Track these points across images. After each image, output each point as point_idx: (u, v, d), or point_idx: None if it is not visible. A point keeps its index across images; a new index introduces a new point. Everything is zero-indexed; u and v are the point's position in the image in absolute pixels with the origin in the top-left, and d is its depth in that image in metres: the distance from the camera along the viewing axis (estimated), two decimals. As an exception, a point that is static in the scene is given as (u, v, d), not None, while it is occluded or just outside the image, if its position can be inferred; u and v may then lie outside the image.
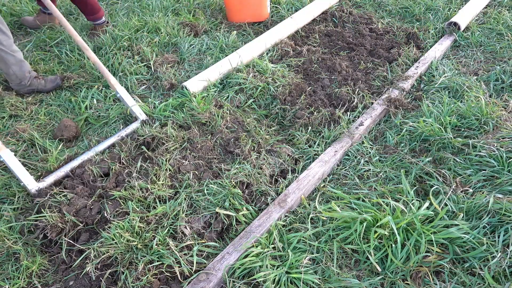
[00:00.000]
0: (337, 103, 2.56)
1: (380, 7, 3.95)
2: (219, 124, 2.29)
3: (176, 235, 1.72)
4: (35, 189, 1.90)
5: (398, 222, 1.62)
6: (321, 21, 3.63)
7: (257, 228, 1.73)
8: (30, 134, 2.30)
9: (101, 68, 2.32)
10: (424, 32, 3.37)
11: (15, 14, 3.61)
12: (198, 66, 2.94)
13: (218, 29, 3.46)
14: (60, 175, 1.99)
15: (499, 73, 2.74)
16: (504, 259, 1.54)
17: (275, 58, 3.02)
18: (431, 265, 1.58)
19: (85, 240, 1.75)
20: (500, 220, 1.68)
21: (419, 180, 2.01)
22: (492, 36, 3.29)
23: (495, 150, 1.98)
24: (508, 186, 1.83)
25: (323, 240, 1.71)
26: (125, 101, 2.32)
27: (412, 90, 2.73)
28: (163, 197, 1.89)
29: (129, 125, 2.31)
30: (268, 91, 2.59)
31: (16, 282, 1.59)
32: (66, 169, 2.02)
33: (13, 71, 2.49)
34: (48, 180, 1.95)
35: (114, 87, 2.32)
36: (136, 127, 2.29)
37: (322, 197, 1.95)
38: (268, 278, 1.53)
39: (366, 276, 1.60)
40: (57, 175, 1.99)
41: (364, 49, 3.16)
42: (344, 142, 2.21)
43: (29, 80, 2.59)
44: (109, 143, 2.19)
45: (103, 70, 2.32)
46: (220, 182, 1.94)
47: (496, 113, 2.26)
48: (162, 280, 1.59)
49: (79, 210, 1.83)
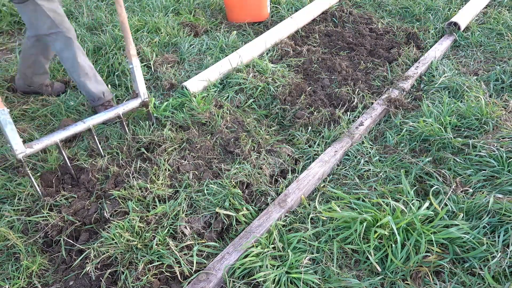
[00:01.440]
0: (337, 103, 2.56)
1: (380, 7, 3.95)
2: (219, 124, 2.29)
3: (176, 235, 1.72)
4: (22, 154, 1.80)
5: (398, 222, 1.62)
6: (321, 21, 3.64)
7: (257, 228, 1.73)
8: (30, 134, 2.30)
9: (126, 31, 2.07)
10: (424, 32, 3.37)
11: (15, 14, 3.62)
12: (198, 66, 2.94)
13: (218, 29, 3.47)
14: (47, 143, 1.89)
15: (499, 73, 2.74)
16: (504, 259, 1.54)
17: (275, 58, 3.02)
18: (431, 265, 1.58)
19: (85, 240, 1.75)
20: (500, 220, 1.68)
21: (419, 180, 2.01)
22: (492, 36, 3.29)
23: (495, 150, 1.98)
24: (508, 186, 1.83)
25: (323, 240, 1.71)
26: (135, 75, 2.13)
27: (412, 90, 2.73)
28: (162, 197, 1.89)
29: (129, 101, 2.18)
30: (268, 91, 2.59)
31: (16, 282, 1.59)
32: (55, 138, 1.90)
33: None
34: (36, 146, 1.85)
35: (130, 57, 2.11)
36: (135, 106, 2.18)
37: (322, 197, 1.95)
38: (268, 278, 1.53)
39: (366, 276, 1.60)
40: (45, 143, 1.88)
41: (364, 49, 3.16)
42: (344, 142, 2.21)
43: (39, 87, 2.60)
44: (105, 117, 2.07)
45: (127, 35, 2.07)
46: (220, 182, 1.94)
47: (496, 113, 2.26)
48: (162, 280, 1.59)
49: (78, 210, 1.83)
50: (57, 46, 2.21)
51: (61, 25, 2.14)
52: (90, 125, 2.02)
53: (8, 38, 3.47)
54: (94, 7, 3.74)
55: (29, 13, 2.08)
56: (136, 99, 2.20)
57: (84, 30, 3.31)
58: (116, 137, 2.27)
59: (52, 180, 1.99)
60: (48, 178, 2.00)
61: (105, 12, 3.60)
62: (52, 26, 2.12)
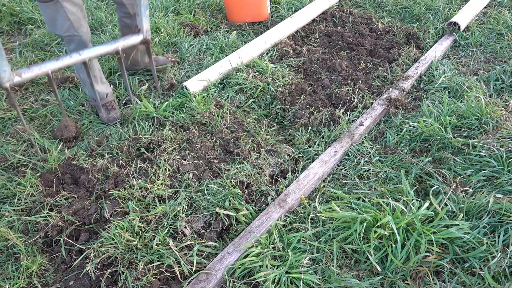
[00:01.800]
0: (337, 103, 2.56)
1: (380, 7, 3.95)
2: (219, 124, 2.29)
3: (176, 235, 1.72)
4: (9, 83, 1.68)
5: (398, 222, 1.62)
6: (321, 21, 3.64)
7: (257, 228, 1.73)
8: (30, 134, 2.30)
9: None
10: (424, 32, 3.37)
11: (15, 14, 3.62)
12: (198, 66, 2.94)
13: (218, 29, 3.47)
14: (38, 73, 1.77)
15: (499, 73, 2.74)
16: (504, 259, 1.54)
17: (275, 58, 3.02)
18: (431, 265, 1.58)
19: (85, 240, 1.75)
20: (500, 220, 1.68)
21: (419, 180, 2.01)
22: (492, 36, 3.29)
23: (495, 150, 1.98)
24: (508, 186, 1.83)
25: (323, 240, 1.71)
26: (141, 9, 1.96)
27: (412, 90, 2.73)
28: (162, 197, 1.89)
29: (129, 36, 2.02)
30: (268, 91, 2.59)
31: (16, 282, 1.59)
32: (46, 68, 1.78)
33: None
34: (25, 75, 1.74)
35: None
36: (136, 42, 2.03)
37: (322, 197, 1.95)
38: (268, 278, 1.53)
39: (366, 276, 1.60)
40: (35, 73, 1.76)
41: (364, 49, 3.16)
42: (344, 142, 2.21)
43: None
44: (102, 51, 1.92)
45: None
46: (220, 182, 1.94)
47: (496, 113, 2.26)
48: (162, 280, 1.59)
49: (78, 210, 1.83)
50: (70, 47, 2.19)
51: (79, 29, 2.12)
52: (86, 57, 1.87)
53: (8, 38, 3.47)
54: (94, 7, 3.74)
55: (50, 13, 2.05)
56: (138, 35, 2.02)
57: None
58: (116, 137, 2.27)
59: (52, 180, 1.99)
60: (48, 178, 2.00)
61: (105, 12, 3.60)
62: (69, 29, 2.10)
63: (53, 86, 1.85)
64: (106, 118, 2.43)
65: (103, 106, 2.44)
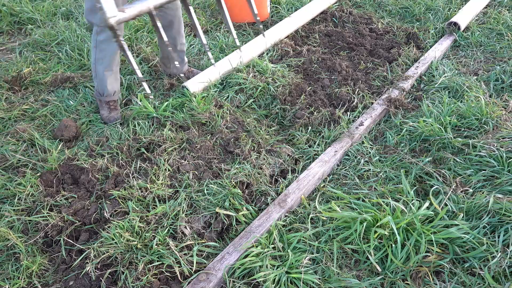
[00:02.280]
0: (337, 103, 2.56)
1: (380, 7, 3.95)
2: (219, 124, 2.29)
3: (176, 235, 1.72)
4: (114, 19, 1.63)
5: (398, 222, 1.62)
6: (321, 21, 3.64)
7: (257, 228, 1.73)
8: (30, 134, 2.30)
9: None
10: (424, 32, 3.37)
11: (15, 14, 3.62)
12: (198, 66, 2.94)
13: (218, 29, 3.47)
14: (141, 8, 1.68)
15: (499, 73, 2.74)
16: (504, 259, 1.54)
17: (275, 58, 3.02)
18: (431, 265, 1.58)
19: (85, 240, 1.75)
20: (500, 220, 1.68)
21: (419, 180, 2.00)
22: (492, 36, 3.29)
23: (495, 150, 1.98)
24: (508, 186, 1.83)
25: (323, 240, 1.71)
26: None
27: (412, 90, 2.73)
28: (162, 197, 1.89)
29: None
30: (268, 91, 2.59)
31: (16, 282, 1.59)
32: (149, 3, 1.72)
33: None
34: (128, 11, 1.68)
35: None
36: None
37: (322, 197, 1.95)
38: (268, 278, 1.53)
39: (366, 276, 1.60)
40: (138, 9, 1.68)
41: (364, 49, 3.16)
42: (344, 142, 2.21)
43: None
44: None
45: None
46: (220, 182, 1.94)
47: (496, 113, 2.26)
48: (162, 280, 1.59)
49: (78, 210, 1.83)
50: (100, 37, 2.18)
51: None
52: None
53: (8, 38, 3.47)
54: None
55: (91, 2, 2.06)
56: None
57: (84, 30, 3.32)
58: (116, 137, 2.27)
59: (52, 180, 1.99)
60: (48, 178, 2.00)
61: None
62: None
63: (155, 23, 1.75)
64: (107, 117, 2.43)
65: (106, 104, 2.44)
